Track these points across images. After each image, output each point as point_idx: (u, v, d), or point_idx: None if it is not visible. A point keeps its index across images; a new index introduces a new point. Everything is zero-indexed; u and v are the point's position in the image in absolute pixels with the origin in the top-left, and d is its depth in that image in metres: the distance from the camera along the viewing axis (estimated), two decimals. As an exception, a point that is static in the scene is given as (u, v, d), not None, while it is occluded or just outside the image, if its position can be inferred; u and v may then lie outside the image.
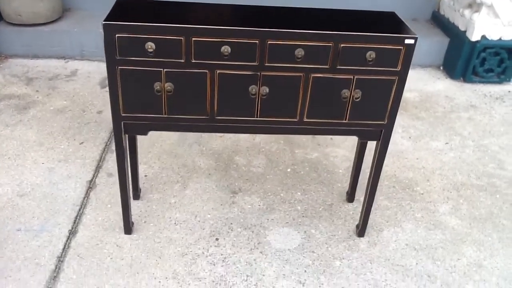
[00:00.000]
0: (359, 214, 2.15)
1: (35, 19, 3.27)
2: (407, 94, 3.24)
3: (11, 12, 3.24)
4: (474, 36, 3.26)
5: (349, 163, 2.52)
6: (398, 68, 1.66)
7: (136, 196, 2.23)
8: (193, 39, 1.56)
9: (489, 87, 3.45)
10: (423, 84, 3.43)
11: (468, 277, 1.95)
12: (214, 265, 1.92)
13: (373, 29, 1.63)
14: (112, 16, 1.59)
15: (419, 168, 2.58)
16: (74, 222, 2.08)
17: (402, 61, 1.64)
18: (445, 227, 2.21)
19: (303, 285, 1.86)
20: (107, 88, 3.06)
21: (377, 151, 1.86)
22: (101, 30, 1.57)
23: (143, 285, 1.81)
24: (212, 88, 1.66)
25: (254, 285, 1.84)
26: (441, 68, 3.61)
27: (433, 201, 2.35)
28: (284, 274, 1.90)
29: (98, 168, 2.41)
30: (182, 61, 1.60)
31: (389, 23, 1.76)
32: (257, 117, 1.73)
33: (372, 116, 1.76)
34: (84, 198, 2.22)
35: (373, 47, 1.61)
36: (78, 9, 3.64)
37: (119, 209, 2.07)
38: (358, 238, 2.10)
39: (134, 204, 2.17)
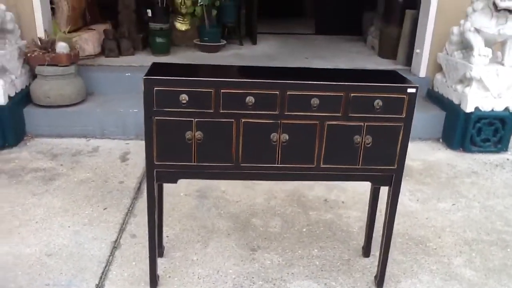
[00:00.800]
0: (376, 267, 2.21)
1: (62, 100, 3.55)
2: (410, 162, 3.42)
3: (40, 94, 3.53)
4: (468, 108, 3.52)
5: (362, 223, 2.62)
6: (403, 115, 1.85)
7: (160, 254, 2.30)
8: (222, 91, 1.78)
9: (488, 156, 3.64)
10: (425, 154, 3.62)
11: (490, 322, 1.97)
12: (238, 314, 1.95)
13: (378, 82, 1.85)
14: (150, 73, 1.81)
15: (429, 227, 2.67)
16: (101, 278, 2.14)
17: (406, 108, 1.84)
18: (461, 278, 2.25)
19: (327, 332, 1.88)
20: (127, 162, 3.25)
21: (390, 196, 1.99)
22: (141, 86, 1.78)
23: (169, 333, 1.83)
24: (237, 136, 1.84)
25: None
26: (441, 140, 3.83)
27: (446, 255, 2.42)
28: (307, 322, 1.93)
29: (121, 230, 2.51)
30: (212, 111, 1.80)
31: (392, 78, 1.99)
32: (278, 164, 1.89)
33: (383, 161, 1.92)
34: (109, 256, 2.29)
35: (380, 96, 1.82)
36: (100, 93, 3.95)
37: (144, 266, 2.15)
38: (377, 288, 2.15)
39: (158, 261, 2.24)
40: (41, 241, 2.37)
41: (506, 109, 3.57)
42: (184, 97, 1.77)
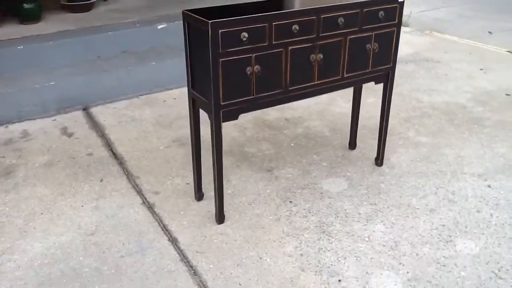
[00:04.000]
0: (367, 153, 2.74)
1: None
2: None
3: None
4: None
5: (327, 128, 3.09)
6: (396, 21, 2.31)
7: (201, 197, 2.39)
8: (274, 23, 1.95)
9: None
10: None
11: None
12: (301, 215, 2.26)
13: None
14: (199, 20, 1.85)
15: (373, 117, 3.29)
16: (166, 233, 2.17)
17: (398, 15, 2.30)
18: (421, 143, 2.94)
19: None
20: (75, 136, 3.05)
21: (387, 90, 2.48)
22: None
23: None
24: (285, 63, 2.05)
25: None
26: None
27: (402, 132, 3.08)
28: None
29: (139, 192, 2.47)
30: (266, 44, 1.96)
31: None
32: (315, 81, 2.18)
33: (384, 62, 2.37)
34: (153, 214, 2.29)
35: (382, 7, 2.22)
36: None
37: (194, 211, 2.30)
38: (378, 167, 2.67)
39: (201, 203, 2.35)
40: (69, 227, 2.21)
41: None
42: (244, 35, 1.89)
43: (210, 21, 1.81)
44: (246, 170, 2.66)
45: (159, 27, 4.03)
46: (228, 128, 3.11)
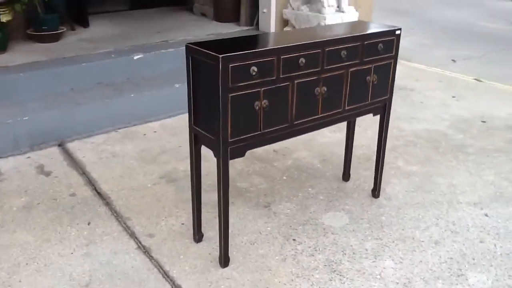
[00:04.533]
0: (360, 185, 2.71)
1: None
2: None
3: None
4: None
5: (317, 159, 3.05)
6: (393, 53, 2.31)
7: (200, 238, 2.26)
8: (282, 57, 1.89)
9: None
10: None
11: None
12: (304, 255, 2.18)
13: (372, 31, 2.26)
14: (210, 54, 1.77)
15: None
16: (168, 280, 2.02)
17: (395, 47, 2.31)
18: (412, 174, 2.94)
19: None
20: (53, 174, 2.85)
21: (384, 120, 2.47)
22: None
23: None
24: (292, 97, 1.99)
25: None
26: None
27: (391, 161, 3.07)
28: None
29: (132, 235, 2.31)
30: (274, 78, 1.90)
31: (372, 26, 2.41)
32: (319, 114, 2.13)
33: (381, 94, 2.36)
34: (151, 260, 2.14)
35: (381, 40, 2.22)
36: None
37: (195, 254, 2.18)
38: (375, 198, 2.64)
39: (200, 245, 2.22)
40: (60, 278, 2.02)
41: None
42: (254, 69, 1.82)
43: (221, 56, 1.73)
44: (242, 207, 2.56)
45: (135, 57, 3.90)
46: (213, 162, 3.00)
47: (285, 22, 4.58)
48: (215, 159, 1.95)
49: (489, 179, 2.87)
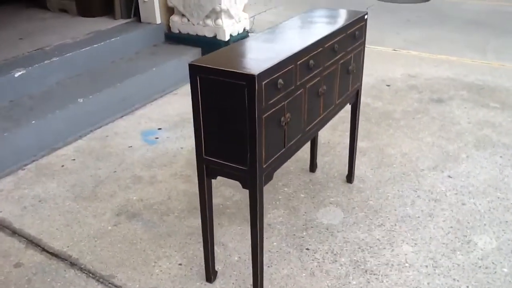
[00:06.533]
0: (330, 171, 2.67)
1: None
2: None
3: None
4: (226, 36, 4.01)
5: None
6: (363, 38, 2.26)
7: (214, 276, 1.98)
8: (298, 62, 1.69)
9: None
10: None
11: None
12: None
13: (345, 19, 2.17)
14: (235, 73, 1.49)
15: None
16: None
17: (364, 32, 2.26)
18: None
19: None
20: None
21: (357, 109, 2.43)
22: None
23: None
24: (304, 104, 1.82)
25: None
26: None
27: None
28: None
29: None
30: (293, 87, 1.69)
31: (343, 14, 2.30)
32: (321, 114, 1.99)
33: (356, 81, 2.31)
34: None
35: (357, 27, 2.15)
36: None
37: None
38: (351, 184, 2.63)
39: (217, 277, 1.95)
40: None
41: (244, 30, 4.27)
42: (280, 82, 1.59)
43: (256, 74, 1.46)
44: (231, 226, 2.31)
45: (16, 75, 3.18)
46: (166, 182, 2.66)
47: (171, 10, 4.20)
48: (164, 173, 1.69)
49: (429, 141, 3.08)
